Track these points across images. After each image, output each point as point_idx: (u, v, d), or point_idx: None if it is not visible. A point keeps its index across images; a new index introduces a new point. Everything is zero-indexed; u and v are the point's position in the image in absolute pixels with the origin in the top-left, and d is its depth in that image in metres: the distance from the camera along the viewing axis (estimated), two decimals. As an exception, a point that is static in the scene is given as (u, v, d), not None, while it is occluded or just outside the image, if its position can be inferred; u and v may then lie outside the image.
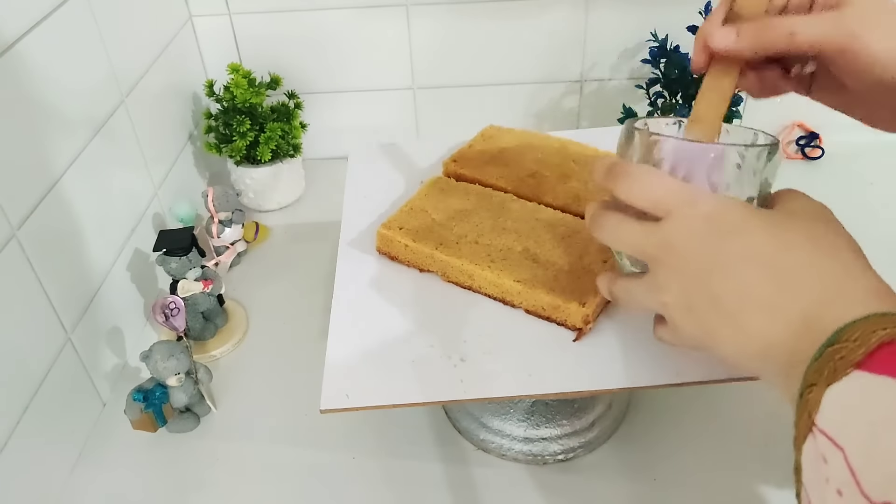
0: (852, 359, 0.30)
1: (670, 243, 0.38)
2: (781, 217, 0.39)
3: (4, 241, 0.54)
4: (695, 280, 0.38)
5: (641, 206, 0.40)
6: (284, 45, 0.94)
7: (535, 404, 0.60)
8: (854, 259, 0.37)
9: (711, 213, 0.38)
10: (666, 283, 0.39)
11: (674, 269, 0.39)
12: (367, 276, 0.58)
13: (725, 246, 0.37)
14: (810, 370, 0.32)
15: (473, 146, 0.68)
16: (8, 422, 0.54)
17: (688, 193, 0.39)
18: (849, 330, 0.32)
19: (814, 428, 0.30)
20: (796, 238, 0.37)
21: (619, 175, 0.41)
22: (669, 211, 0.39)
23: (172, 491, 0.60)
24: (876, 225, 0.82)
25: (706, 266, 0.37)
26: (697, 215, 0.38)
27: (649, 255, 0.40)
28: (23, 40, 0.57)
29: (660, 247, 0.39)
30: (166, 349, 0.61)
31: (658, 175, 0.40)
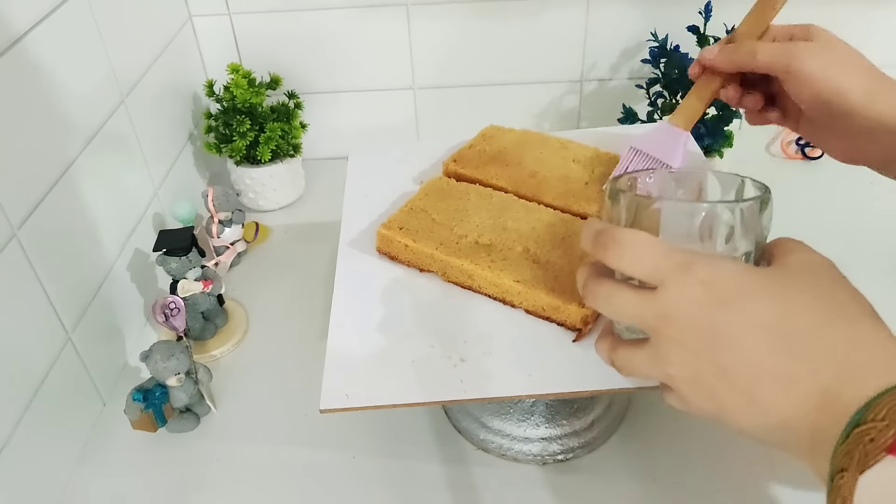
0: (882, 442, 0.29)
1: (668, 314, 0.36)
2: (783, 277, 0.37)
3: (5, 241, 0.54)
4: (699, 352, 0.36)
5: (633, 275, 0.38)
6: (284, 45, 0.94)
7: (535, 404, 0.60)
8: (867, 320, 0.35)
9: (707, 279, 0.36)
10: (669, 356, 0.37)
11: (675, 340, 0.36)
12: (367, 276, 0.58)
13: (727, 315, 0.35)
14: (838, 453, 0.30)
15: (473, 146, 0.68)
16: (8, 421, 0.54)
17: (681, 259, 0.36)
18: (875, 407, 0.30)
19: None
20: (802, 301, 0.35)
21: (607, 244, 0.38)
22: (663, 280, 0.36)
23: (172, 491, 0.60)
24: (876, 225, 0.82)
25: (709, 337, 0.35)
26: (693, 283, 0.36)
27: (648, 325, 0.38)
28: (22, 41, 0.57)
29: (658, 318, 0.37)
30: (166, 349, 0.61)
31: (648, 242, 0.37)
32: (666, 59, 0.88)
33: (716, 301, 0.35)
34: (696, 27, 0.86)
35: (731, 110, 0.86)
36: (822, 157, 0.94)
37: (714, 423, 0.38)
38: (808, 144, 0.95)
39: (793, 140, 0.96)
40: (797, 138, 0.96)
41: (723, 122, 0.87)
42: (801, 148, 0.95)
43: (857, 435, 0.30)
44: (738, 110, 0.87)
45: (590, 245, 0.40)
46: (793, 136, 0.97)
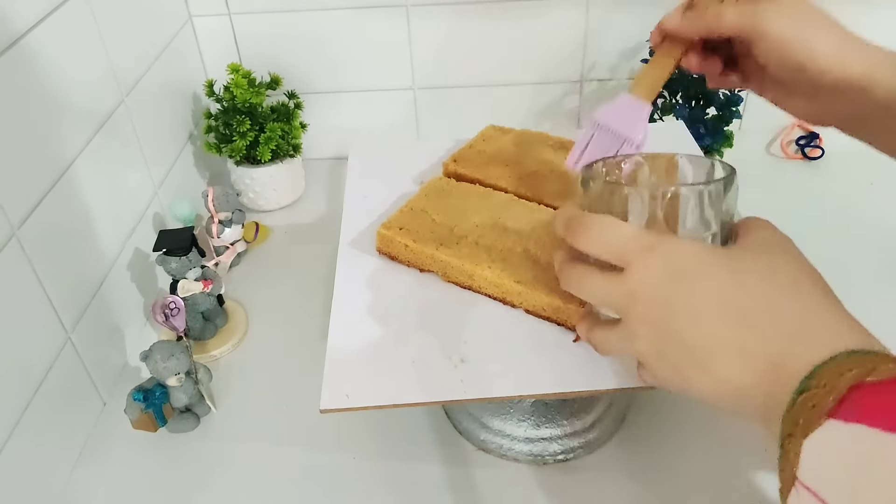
0: (824, 407, 0.30)
1: (633, 293, 0.39)
2: (740, 254, 0.39)
3: (5, 241, 0.54)
4: (662, 327, 0.38)
5: (602, 257, 0.40)
6: (284, 45, 0.94)
7: (535, 404, 0.60)
8: (817, 294, 0.37)
9: (669, 257, 0.38)
10: (637, 332, 0.40)
11: (641, 318, 0.39)
12: (367, 276, 0.58)
13: (687, 290, 0.37)
14: (786, 419, 0.32)
15: (473, 146, 0.68)
16: (8, 421, 0.54)
17: (645, 240, 0.39)
18: (818, 375, 0.32)
19: (796, 482, 0.30)
20: (756, 277, 0.37)
21: (578, 228, 0.41)
22: (630, 261, 0.39)
23: (172, 491, 0.60)
24: (876, 225, 0.82)
25: (670, 313, 0.38)
26: (656, 262, 0.38)
27: (617, 305, 0.40)
28: (22, 40, 0.57)
29: (625, 297, 0.39)
30: (166, 349, 0.61)
31: (615, 225, 0.40)
32: (666, 59, 0.87)
33: (675, 277, 0.37)
34: (696, 27, 0.86)
35: (731, 110, 0.86)
36: (822, 157, 0.94)
37: (681, 393, 0.40)
38: (809, 144, 0.95)
39: (793, 140, 0.96)
40: (797, 138, 0.96)
41: (723, 122, 0.87)
42: (801, 148, 0.95)
43: (801, 401, 0.31)
44: (738, 110, 0.87)
45: (562, 230, 0.42)
46: (793, 136, 0.97)
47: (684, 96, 0.87)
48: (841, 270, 0.42)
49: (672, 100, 0.89)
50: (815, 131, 0.96)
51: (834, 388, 0.30)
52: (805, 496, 0.30)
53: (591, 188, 0.43)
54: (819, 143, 0.95)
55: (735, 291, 0.36)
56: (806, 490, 0.30)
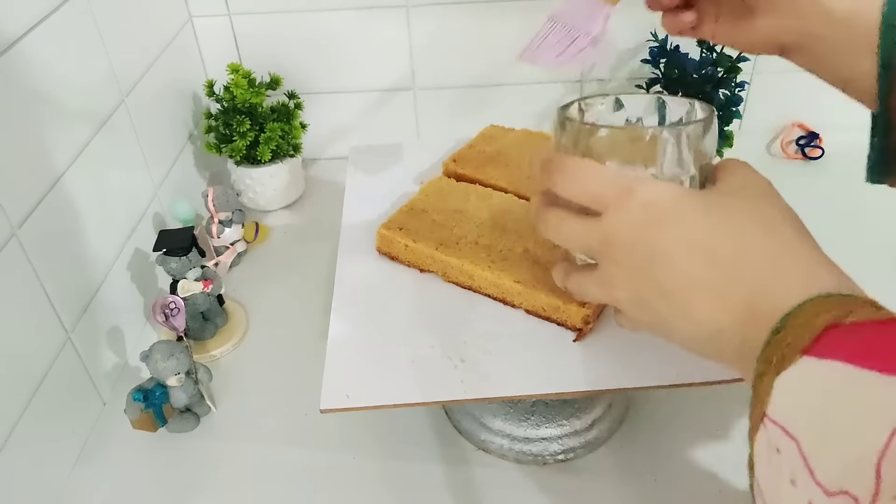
0: (799, 345, 0.30)
1: (610, 237, 0.38)
2: (717, 198, 0.38)
3: (4, 241, 0.54)
4: (639, 272, 0.38)
5: (579, 201, 0.39)
6: (284, 45, 0.94)
7: (535, 404, 0.60)
8: (794, 237, 0.36)
9: (647, 201, 0.37)
10: (614, 278, 0.39)
11: (618, 262, 0.38)
12: (367, 276, 0.58)
13: (663, 233, 0.37)
14: (759, 360, 0.32)
15: (473, 146, 0.68)
16: (8, 422, 0.54)
17: (623, 183, 0.38)
18: (794, 315, 0.31)
19: (765, 418, 0.30)
20: (733, 220, 0.37)
21: (555, 171, 0.40)
22: (607, 204, 0.38)
23: (172, 491, 0.60)
24: (876, 225, 0.82)
25: (647, 257, 0.37)
26: (633, 206, 0.37)
27: (594, 250, 0.40)
28: (23, 40, 0.57)
29: (602, 241, 0.39)
30: (166, 349, 0.61)
31: (593, 168, 0.39)
32: (666, 59, 0.88)
33: (652, 222, 0.37)
34: (696, 27, 0.86)
35: (731, 110, 0.86)
36: (822, 157, 0.94)
37: (659, 338, 0.40)
38: (809, 144, 0.95)
39: (793, 140, 0.96)
40: (797, 138, 0.96)
41: (723, 122, 0.87)
42: (801, 148, 0.95)
43: (776, 340, 0.31)
44: (738, 110, 0.87)
45: (539, 173, 0.41)
46: (793, 135, 0.97)
47: (684, 96, 0.87)
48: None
49: None
50: (815, 131, 0.96)
51: (810, 328, 0.30)
52: (773, 432, 0.29)
53: (567, 129, 0.42)
54: (819, 143, 0.95)
55: (711, 235, 0.36)
56: (774, 425, 0.29)
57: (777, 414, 0.30)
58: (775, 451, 0.29)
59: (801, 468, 0.27)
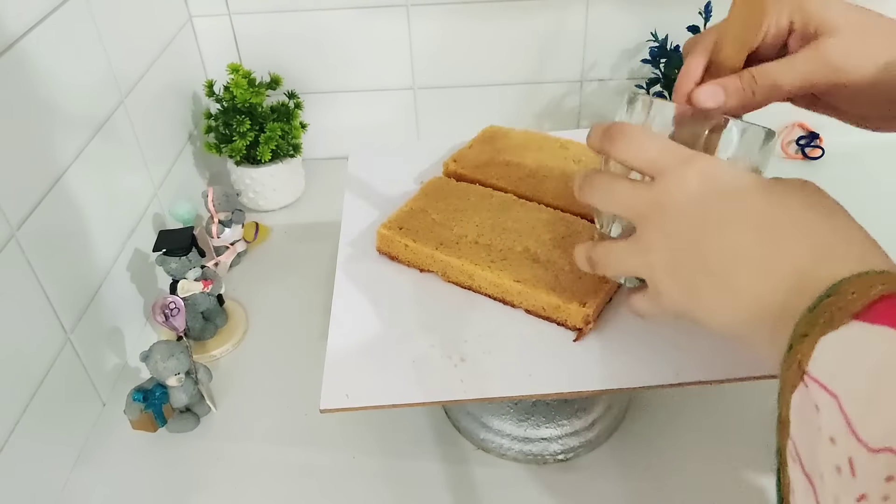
0: (851, 309, 0.30)
1: (661, 201, 0.38)
2: (779, 183, 0.38)
3: (4, 241, 0.54)
4: (683, 239, 0.37)
5: (636, 165, 0.40)
6: (284, 45, 0.94)
7: (536, 404, 0.60)
8: (848, 222, 0.37)
9: (706, 171, 0.38)
10: (652, 243, 0.39)
11: (662, 227, 0.38)
12: (367, 276, 0.58)
13: (718, 205, 0.37)
14: (802, 322, 0.31)
15: (473, 146, 0.68)
16: (8, 422, 0.54)
17: (684, 154, 0.39)
18: (846, 284, 0.31)
19: (805, 377, 0.30)
20: (790, 200, 0.37)
21: (616, 135, 0.41)
22: (663, 170, 0.38)
23: (172, 491, 0.60)
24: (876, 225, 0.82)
25: (696, 225, 0.37)
26: (692, 173, 0.38)
27: (639, 213, 0.40)
28: (22, 41, 0.57)
29: (650, 205, 0.39)
30: (166, 349, 0.61)
31: (655, 136, 0.40)
32: (666, 59, 0.88)
33: (710, 191, 0.37)
34: (696, 27, 0.86)
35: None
36: (822, 157, 0.94)
37: (682, 318, 0.39)
38: (809, 144, 0.95)
39: (793, 140, 0.96)
40: (797, 138, 0.96)
41: (723, 122, 0.87)
42: (801, 148, 0.95)
43: (826, 304, 0.31)
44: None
45: (597, 138, 0.42)
46: (793, 136, 0.97)
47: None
48: None
49: (672, 100, 0.89)
50: (815, 131, 0.96)
51: (863, 295, 0.30)
52: (814, 390, 0.29)
53: (636, 103, 0.43)
54: (819, 143, 0.95)
55: (769, 208, 0.36)
56: (815, 383, 0.29)
57: (818, 372, 0.29)
58: (814, 409, 0.29)
59: (842, 426, 0.27)
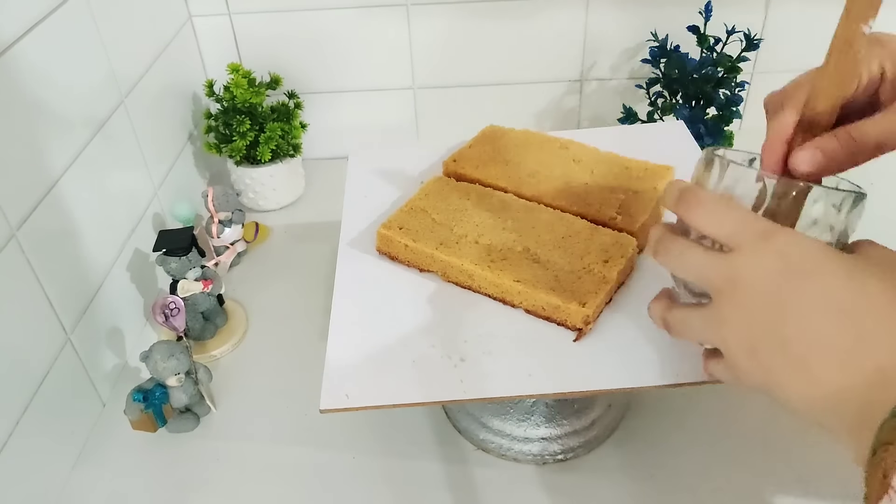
0: None
1: (739, 277, 0.37)
2: (861, 262, 0.36)
3: (4, 241, 0.54)
4: (762, 320, 0.36)
5: (713, 235, 0.38)
6: (284, 45, 0.94)
7: (535, 404, 0.60)
8: None
9: (786, 249, 0.36)
10: (729, 318, 0.37)
11: (740, 304, 0.37)
12: (367, 276, 0.58)
13: (800, 287, 0.35)
14: (886, 427, 0.30)
15: (473, 146, 0.68)
16: (8, 422, 0.54)
17: (762, 227, 0.37)
18: None
19: (890, 491, 0.29)
20: (876, 286, 0.35)
21: (692, 202, 0.39)
22: (741, 244, 0.37)
23: (172, 491, 0.60)
24: (876, 225, 0.82)
25: (777, 306, 0.35)
26: (770, 250, 0.36)
27: (714, 286, 0.38)
28: (22, 40, 0.57)
29: (727, 279, 0.37)
30: (166, 349, 0.61)
31: (732, 205, 0.38)
32: (666, 59, 0.88)
33: (789, 272, 0.35)
34: (696, 27, 0.86)
35: (731, 110, 0.86)
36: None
37: (759, 393, 0.38)
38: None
39: (793, 140, 0.96)
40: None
41: (723, 122, 0.87)
42: (801, 148, 0.95)
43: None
44: (738, 110, 0.87)
45: (673, 202, 0.40)
46: (793, 135, 0.97)
47: (684, 96, 0.87)
48: None
49: (672, 100, 0.89)
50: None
51: None
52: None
53: (713, 165, 0.41)
54: (819, 143, 0.95)
55: (852, 295, 0.34)
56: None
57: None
58: None
59: None
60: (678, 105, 0.87)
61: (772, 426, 0.60)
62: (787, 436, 0.60)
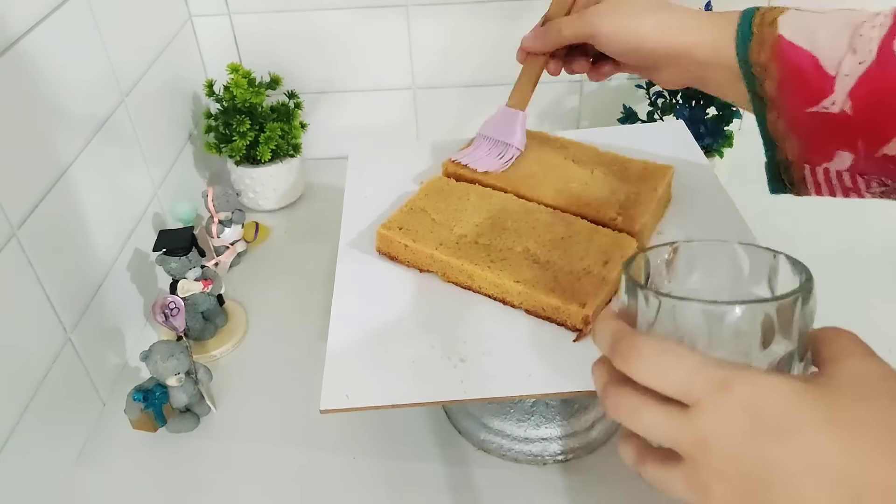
0: None
1: (707, 442, 0.32)
2: (840, 400, 0.32)
3: (4, 241, 0.54)
4: (746, 491, 0.32)
5: (661, 391, 0.33)
6: (284, 45, 0.94)
7: (535, 404, 0.60)
8: None
9: (750, 403, 0.31)
10: (710, 487, 0.32)
11: (717, 473, 0.32)
12: (367, 276, 0.58)
13: (777, 450, 0.31)
14: None
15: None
16: (8, 422, 0.54)
17: (717, 376, 0.32)
18: None
19: None
20: (867, 437, 0.31)
21: (628, 355, 0.33)
22: (698, 401, 0.32)
23: (172, 491, 0.60)
24: (875, 225, 0.82)
25: (758, 475, 0.31)
26: (734, 407, 0.31)
27: (683, 451, 0.33)
28: (22, 40, 0.57)
29: (695, 444, 0.32)
30: (166, 349, 0.61)
31: (675, 353, 0.32)
32: (666, 59, 0.87)
33: (763, 432, 0.31)
34: (697, 27, 0.86)
35: (731, 110, 0.86)
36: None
37: None
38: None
39: (793, 140, 0.96)
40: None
41: (723, 122, 0.87)
42: (801, 148, 0.95)
43: None
44: (738, 110, 0.87)
45: (607, 350, 0.35)
46: (793, 136, 0.97)
47: (684, 96, 0.87)
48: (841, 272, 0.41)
49: (672, 100, 0.89)
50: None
51: None
52: None
53: (638, 298, 0.35)
54: (819, 143, 0.95)
55: (844, 458, 0.30)
56: None
57: None
58: None
59: None
60: (678, 105, 0.87)
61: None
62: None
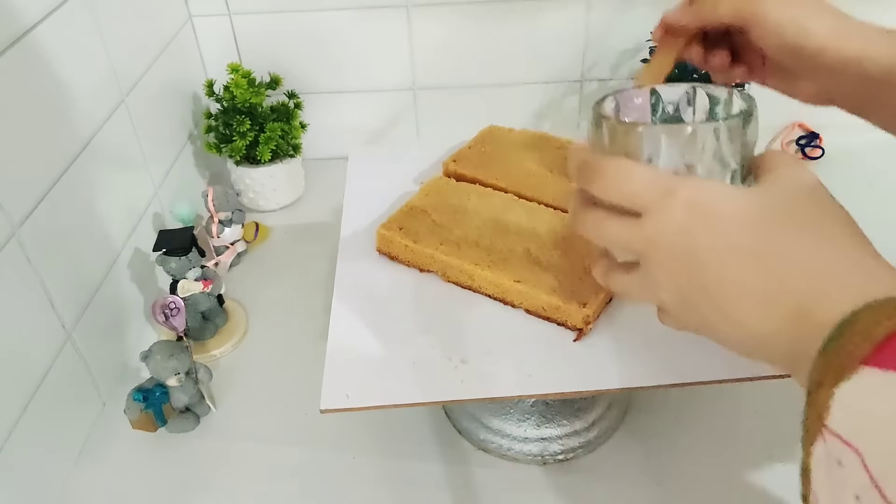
0: (858, 354, 0.29)
1: (653, 240, 0.37)
2: (765, 198, 0.37)
3: (5, 240, 0.54)
4: (684, 274, 0.37)
5: (619, 204, 0.38)
6: (284, 45, 0.94)
7: (535, 404, 0.60)
8: (847, 240, 0.35)
9: (688, 202, 0.36)
10: (658, 280, 0.38)
11: (662, 264, 0.38)
12: (367, 276, 0.58)
13: (707, 237, 0.36)
14: (815, 368, 0.31)
15: (473, 146, 0.68)
16: (8, 421, 0.54)
17: (663, 184, 0.37)
18: (850, 323, 0.30)
19: (824, 430, 0.29)
20: (780, 222, 0.36)
21: (591, 173, 0.39)
22: (647, 206, 0.37)
23: (172, 491, 0.60)
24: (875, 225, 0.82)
25: (692, 259, 0.36)
26: (675, 207, 0.36)
27: (637, 251, 0.39)
28: (22, 40, 0.57)
29: (645, 243, 0.38)
30: (166, 349, 0.61)
31: (630, 168, 0.38)
32: (666, 59, 0.87)
33: (696, 224, 0.36)
34: (697, 27, 0.86)
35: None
36: (822, 157, 0.94)
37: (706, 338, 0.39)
38: (809, 144, 0.95)
39: (793, 140, 0.96)
40: (797, 138, 0.96)
41: (723, 122, 0.87)
42: (801, 148, 0.95)
43: (834, 349, 0.30)
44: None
45: (574, 175, 0.40)
46: (793, 136, 0.97)
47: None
48: None
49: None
50: (815, 131, 0.96)
51: (870, 336, 0.29)
52: (834, 445, 0.28)
53: (603, 127, 0.40)
54: (819, 143, 0.95)
55: (759, 238, 0.35)
56: (835, 438, 0.28)
57: (838, 427, 0.28)
58: (836, 464, 0.28)
59: (866, 484, 0.26)
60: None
61: (773, 424, 0.60)
62: (788, 434, 0.60)
